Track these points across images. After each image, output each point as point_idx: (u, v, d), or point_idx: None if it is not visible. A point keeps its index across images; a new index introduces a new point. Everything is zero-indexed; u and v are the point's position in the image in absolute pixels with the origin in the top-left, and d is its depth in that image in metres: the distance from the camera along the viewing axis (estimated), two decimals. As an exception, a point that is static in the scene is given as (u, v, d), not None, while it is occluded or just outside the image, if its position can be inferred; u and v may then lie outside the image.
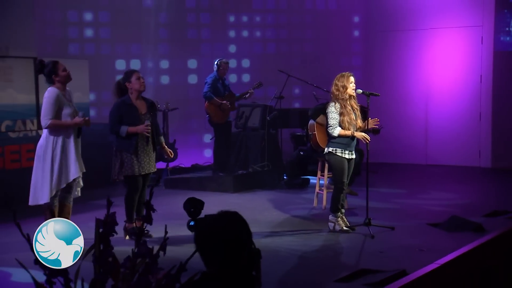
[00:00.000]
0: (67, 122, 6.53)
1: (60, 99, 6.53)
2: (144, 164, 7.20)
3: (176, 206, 9.12)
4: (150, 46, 12.69)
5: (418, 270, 4.52)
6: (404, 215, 8.50)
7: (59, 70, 6.64)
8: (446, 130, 13.37)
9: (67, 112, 6.58)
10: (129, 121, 7.13)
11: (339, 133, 7.35)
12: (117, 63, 12.57)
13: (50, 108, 6.50)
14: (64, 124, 6.52)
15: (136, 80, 7.16)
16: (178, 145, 12.35)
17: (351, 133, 7.35)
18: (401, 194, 10.12)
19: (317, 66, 13.92)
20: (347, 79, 7.45)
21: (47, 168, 6.46)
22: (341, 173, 7.45)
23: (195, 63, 13.05)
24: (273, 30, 13.77)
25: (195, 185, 10.53)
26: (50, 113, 6.48)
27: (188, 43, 13.07)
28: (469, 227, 7.53)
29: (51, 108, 6.50)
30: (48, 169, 6.45)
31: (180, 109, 12.40)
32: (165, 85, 12.95)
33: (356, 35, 14.29)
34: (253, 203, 9.37)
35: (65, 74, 6.68)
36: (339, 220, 7.55)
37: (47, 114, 6.47)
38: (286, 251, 6.71)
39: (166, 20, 12.85)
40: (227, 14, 13.41)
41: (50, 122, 6.48)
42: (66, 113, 6.58)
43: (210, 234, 2.97)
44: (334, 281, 5.62)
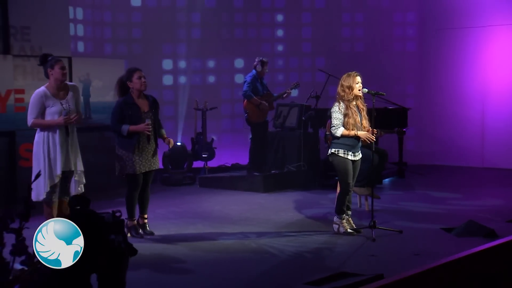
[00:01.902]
0: (47, 122, 6.67)
1: (43, 99, 6.66)
2: (145, 162, 7.25)
3: (197, 205, 9.23)
4: (195, 45, 12.79)
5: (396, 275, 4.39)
6: (433, 218, 8.21)
7: (57, 66, 6.77)
8: (504, 132, 12.79)
9: (53, 111, 6.69)
10: (131, 120, 7.18)
11: (342, 133, 7.16)
12: (164, 63, 12.76)
13: (33, 109, 6.69)
14: (45, 123, 6.67)
15: (137, 80, 7.21)
16: (224, 144, 12.45)
17: (354, 133, 7.14)
18: (447, 197, 9.75)
19: (367, 66, 13.65)
20: (353, 79, 7.24)
21: (41, 165, 6.62)
22: (345, 175, 7.26)
23: (241, 63, 13.06)
24: (324, 28, 13.57)
25: (227, 184, 10.54)
26: (33, 113, 6.67)
27: (236, 42, 13.10)
28: (481, 233, 7.18)
29: (34, 108, 6.68)
30: (42, 165, 6.61)
31: (227, 108, 12.45)
32: (211, 84, 13.03)
33: (410, 33, 13.89)
34: (276, 203, 9.28)
35: (60, 72, 6.79)
36: (344, 222, 7.36)
37: (30, 113, 6.68)
38: (275, 252, 6.59)
39: (214, 20, 12.94)
40: (275, 13, 13.35)
41: (32, 121, 6.67)
42: (52, 111, 6.69)
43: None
44: (303, 283, 5.47)
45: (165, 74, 12.82)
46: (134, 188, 7.27)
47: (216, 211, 8.79)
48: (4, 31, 9.46)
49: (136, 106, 7.25)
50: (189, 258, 6.36)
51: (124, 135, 7.15)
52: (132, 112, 7.20)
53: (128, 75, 7.27)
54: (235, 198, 9.76)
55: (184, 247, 6.80)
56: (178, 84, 12.79)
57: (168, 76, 12.84)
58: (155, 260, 6.30)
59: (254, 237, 7.25)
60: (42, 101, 6.68)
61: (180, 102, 12.57)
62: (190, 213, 8.64)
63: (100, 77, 10.26)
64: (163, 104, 12.52)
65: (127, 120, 7.17)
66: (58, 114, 6.70)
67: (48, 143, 6.67)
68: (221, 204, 9.26)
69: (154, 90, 11.90)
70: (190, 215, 8.49)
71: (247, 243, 6.97)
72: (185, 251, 6.64)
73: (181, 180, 11.07)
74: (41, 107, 6.68)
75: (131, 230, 7.28)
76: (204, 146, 11.42)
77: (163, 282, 5.65)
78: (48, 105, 6.69)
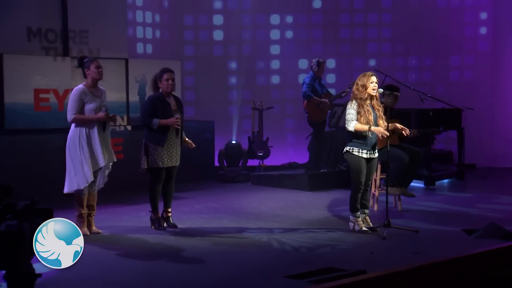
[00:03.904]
0: (89, 117, 7.12)
1: (83, 96, 7.14)
2: (172, 157, 7.58)
3: (236, 201, 9.52)
4: (261, 47, 13.11)
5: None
6: (462, 220, 8.13)
7: (92, 66, 7.26)
8: None
9: (91, 107, 7.17)
10: (163, 115, 7.53)
11: (355, 127, 7.23)
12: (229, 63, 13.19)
13: (73, 105, 7.14)
14: (87, 119, 7.12)
15: (165, 81, 7.55)
16: (281, 143, 12.68)
17: (368, 127, 7.19)
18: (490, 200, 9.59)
19: (436, 65, 13.49)
20: (367, 78, 7.32)
21: (77, 158, 7.09)
22: (357, 173, 7.33)
23: (305, 63, 13.23)
24: (389, 29, 13.52)
25: (276, 182, 10.77)
26: (74, 108, 7.13)
27: (299, 43, 13.31)
28: (498, 235, 7.06)
29: (74, 104, 7.14)
30: (79, 159, 7.08)
31: (292, 108, 12.67)
32: (276, 84, 13.30)
33: (482, 32, 13.56)
34: (313, 201, 9.41)
35: (95, 71, 7.27)
36: (359, 220, 7.43)
37: (71, 109, 7.13)
38: (277, 246, 6.77)
39: (278, 22, 13.21)
40: (340, 14, 13.43)
41: (74, 116, 7.12)
42: (90, 108, 7.17)
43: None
44: (284, 276, 5.65)
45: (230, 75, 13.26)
46: (158, 182, 7.61)
47: (251, 207, 9.04)
48: (64, 35, 10.13)
49: (167, 102, 7.61)
50: (194, 249, 6.66)
51: (154, 128, 7.49)
52: (164, 107, 7.56)
53: (160, 75, 7.62)
54: (277, 195, 9.98)
55: (195, 239, 7.10)
56: (236, 84, 13.20)
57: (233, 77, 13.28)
58: (158, 250, 6.66)
59: (268, 232, 7.44)
60: (81, 98, 7.16)
61: (235, 101, 12.95)
62: (224, 209, 8.93)
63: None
64: (228, 104, 12.99)
65: (158, 115, 7.52)
66: (96, 110, 7.15)
67: (87, 138, 7.09)
68: (259, 201, 9.49)
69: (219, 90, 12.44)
70: (223, 211, 8.79)
71: (258, 238, 7.18)
72: (193, 243, 6.93)
73: (235, 177, 11.40)
74: (81, 103, 7.15)
75: (155, 223, 7.65)
76: (259, 144, 11.69)
77: (154, 271, 5.96)
78: (87, 101, 7.17)
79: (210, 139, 11.76)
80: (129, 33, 12.34)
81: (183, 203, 9.25)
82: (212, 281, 5.61)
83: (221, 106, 13.20)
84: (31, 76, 9.59)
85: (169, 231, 7.53)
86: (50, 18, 10.03)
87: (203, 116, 12.62)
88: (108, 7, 10.55)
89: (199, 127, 11.65)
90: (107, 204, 8.66)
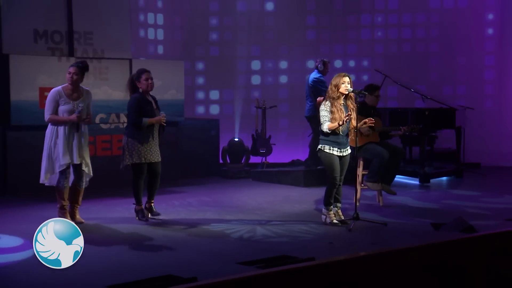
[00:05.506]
0: (62, 118, 7.58)
1: (57, 97, 7.60)
2: (153, 153, 7.99)
3: (228, 195, 9.91)
4: (269, 47, 13.47)
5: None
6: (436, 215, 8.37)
7: (142, 77, 7.92)
8: None
9: (64, 109, 7.60)
10: (148, 114, 7.96)
11: (329, 127, 7.54)
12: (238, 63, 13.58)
13: (48, 105, 7.63)
14: (60, 120, 7.58)
15: (144, 81, 7.96)
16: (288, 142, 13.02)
17: (338, 123, 7.48)
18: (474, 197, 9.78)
19: (443, 66, 13.63)
20: (340, 78, 7.63)
21: (45, 154, 7.59)
22: (331, 169, 7.65)
23: (313, 64, 13.52)
24: (396, 30, 13.73)
25: (274, 178, 11.12)
26: (49, 109, 7.61)
27: (307, 44, 13.62)
28: (460, 228, 7.31)
29: (49, 105, 7.62)
30: (46, 155, 7.59)
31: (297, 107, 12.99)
32: (284, 84, 13.66)
33: (490, 33, 13.66)
34: (303, 197, 9.73)
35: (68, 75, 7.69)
36: (330, 213, 7.76)
37: (47, 110, 7.63)
38: (245, 236, 7.16)
39: (285, 22, 13.55)
40: (347, 15, 13.70)
41: (49, 117, 7.61)
42: (63, 110, 7.60)
43: None
44: (236, 263, 6.01)
45: (240, 74, 13.66)
46: (140, 177, 8.00)
47: (240, 201, 9.42)
48: (69, 36, 10.67)
49: (149, 102, 8.04)
50: (164, 238, 7.09)
51: (141, 126, 7.86)
52: (148, 107, 7.99)
53: (137, 75, 8.04)
54: (271, 191, 10.33)
55: (169, 230, 7.53)
56: (242, 84, 13.61)
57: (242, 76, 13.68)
58: (133, 238, 7.10)
59: (245, 224, 7.81)
60: (56, 99, 7.63)
61: (236, 100, 13.34)
62: (213, 202, 9.32)
63: (159, 77, 11.19)
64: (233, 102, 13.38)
65: (144, 114, 7.94)
66: (69, 112, 7.59)
67: (56, 137, 7.56)
68: (250, 196, 9.86)
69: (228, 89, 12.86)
70: (211, 204, 9.18)
71: (230, 228, 7.56)
72: (166, 233, 7.36)
73: (237, 174, 11.79)
74: (55, 104, 7.62)
75: (138, 214, 8.08)
76: (262, 142, 12.05)
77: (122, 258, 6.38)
78: (61, 103, 7.63)
79: (215, 137, 12.17)
80: (140, 34, 12.86)
81: (176, 197, 9.68)
82: (170, 264, 6.01)
83: (227, 105, 13.61)
84: (36, 75, 10.12)
85: (151, 222, 7.95)
86: (56, 20, 10.58)
87: (209, 114, 13.07)
88: (112, 9, 11.05)
89: (205, 125, 12.10)
90: (106, 197, 9.34)
